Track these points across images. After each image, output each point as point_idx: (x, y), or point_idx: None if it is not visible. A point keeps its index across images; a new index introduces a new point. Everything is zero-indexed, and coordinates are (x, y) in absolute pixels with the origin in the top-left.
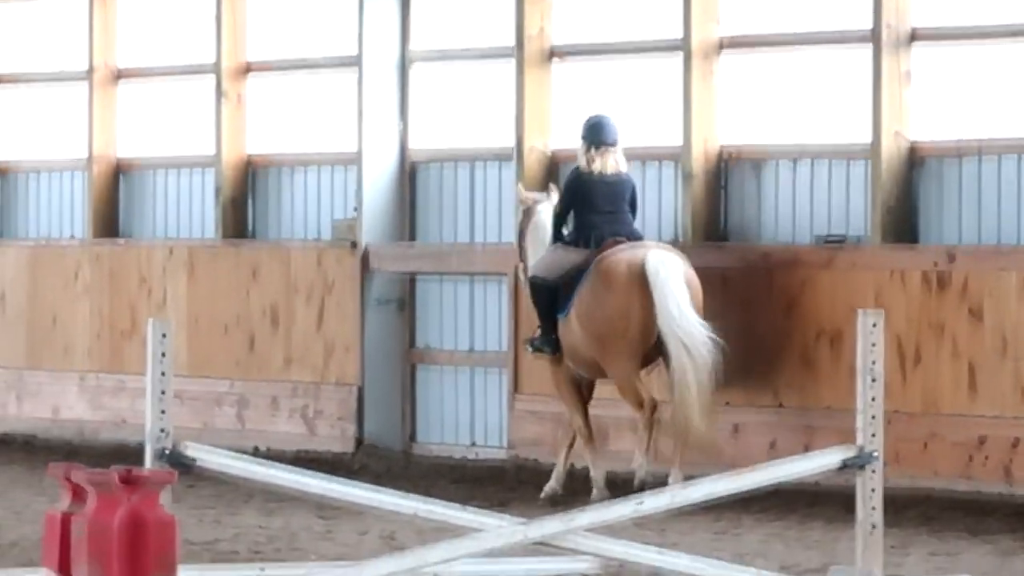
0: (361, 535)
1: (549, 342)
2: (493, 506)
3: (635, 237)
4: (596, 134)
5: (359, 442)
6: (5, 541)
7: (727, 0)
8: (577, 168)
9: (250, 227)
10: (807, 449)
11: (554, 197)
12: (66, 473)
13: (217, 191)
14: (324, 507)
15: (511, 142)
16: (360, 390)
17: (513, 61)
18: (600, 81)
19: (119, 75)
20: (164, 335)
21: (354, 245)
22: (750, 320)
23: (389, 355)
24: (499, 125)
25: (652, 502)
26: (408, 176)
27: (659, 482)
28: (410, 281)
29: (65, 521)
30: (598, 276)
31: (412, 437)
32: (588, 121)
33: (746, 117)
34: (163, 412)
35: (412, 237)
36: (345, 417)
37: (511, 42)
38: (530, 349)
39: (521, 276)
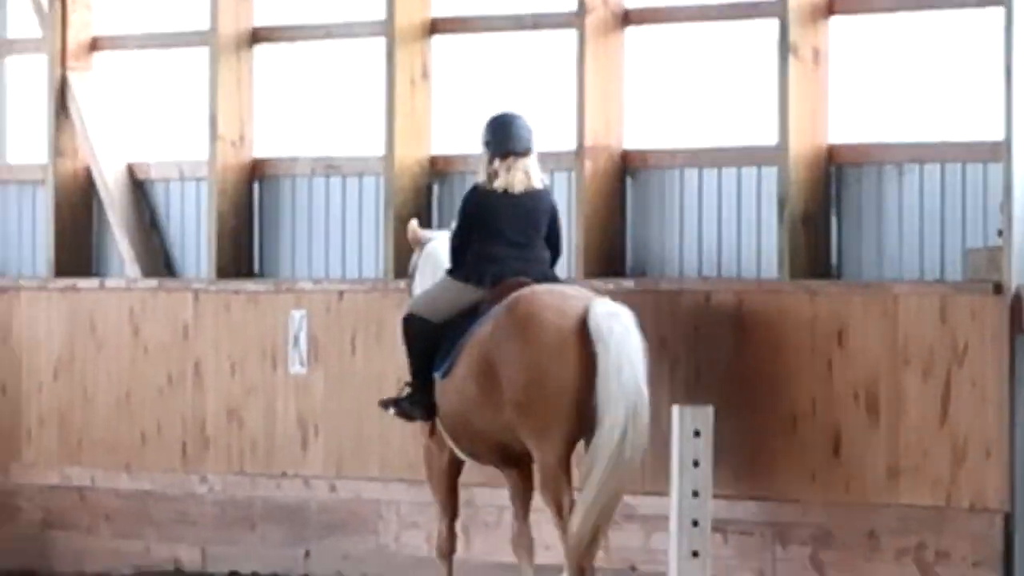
0: None
1: (423, 403)
2: None
3: (545, 279)
4: (502, 139)
5: None
6: None
7: None
8: (476, 184)
9: (833, 260)
10: None
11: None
12: None
13: (782, 201)
14: None
15: None
16: (1008, 519)
17: None
18: None
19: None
20: (697, 432)
21: (998, 289)
22: None
23: None
24: None
25: None
26: None
27: None
28: None
29: None
30: (515, 326)
31: None
32: (492, 121)
33: None
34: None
35: None
36: (985, 560)
37: None
38: (391, 411)
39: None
